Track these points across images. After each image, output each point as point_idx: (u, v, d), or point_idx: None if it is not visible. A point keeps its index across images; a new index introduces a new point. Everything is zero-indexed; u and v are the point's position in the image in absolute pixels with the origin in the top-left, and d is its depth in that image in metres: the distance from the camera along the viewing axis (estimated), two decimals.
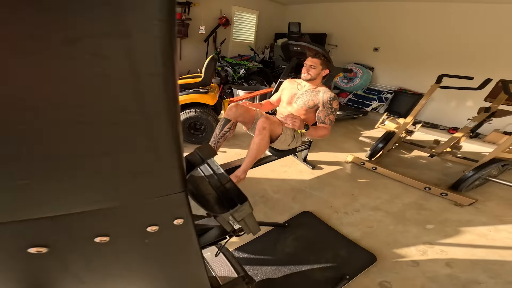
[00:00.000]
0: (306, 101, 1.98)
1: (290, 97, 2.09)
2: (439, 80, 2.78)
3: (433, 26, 4.86)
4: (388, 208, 2.17)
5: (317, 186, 2.46)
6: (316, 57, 1.93)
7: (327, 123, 1.93)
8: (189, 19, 5.24)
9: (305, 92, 2.01)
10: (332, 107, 1.92)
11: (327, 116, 1.93)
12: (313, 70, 1.93)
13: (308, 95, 1.98)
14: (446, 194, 2.32)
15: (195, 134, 2.92)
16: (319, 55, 1.94)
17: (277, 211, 2.06)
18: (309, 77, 1.96)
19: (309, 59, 1.96)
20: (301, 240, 1.73)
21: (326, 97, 1.91)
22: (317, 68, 1.93)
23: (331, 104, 1.92)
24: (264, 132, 1.77)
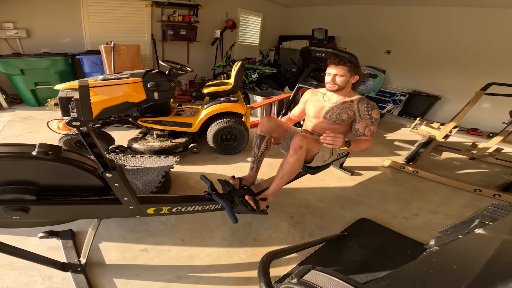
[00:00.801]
0: (339, 114, 1.80)
1: (317, 110, 1.91)
2: (485, 88, 2.85)
3: (446, 29, 5.10)
4: (445, 211, 2.20)
5: (363, 192, 2.47)
6: (341, 64, 1.72)
7: (367, 135, 1.74)
8: (197, 21, 5.33)
9: (335, 104, 1.83)
10: (372, 117, 1.74)
11: (366, 127, 1.75)
12: (340, 79, 1.74)
13: (340, 107, 1.81)
14: (499, 196, 2.38)
15: (227, 144, 2.90)
16: (344, 61, 1.73)
17: (328, 221, 2.05)
18: (336, 87, 1.77)
19: (332, 67, 1.76)
20: (368, 247, 1.72)
21: (363, 106, 1.75)
22: (345, 76, 1.74)
23: (370, 114, 1.74)
24: (301, 152, 1.62)
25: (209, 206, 1.61)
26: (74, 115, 1.03)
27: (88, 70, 4.27)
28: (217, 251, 1.66)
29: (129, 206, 1.31)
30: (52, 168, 1.10)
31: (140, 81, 2.52)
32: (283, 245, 1.76)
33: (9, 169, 1.05)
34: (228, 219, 1.91)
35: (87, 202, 1.23)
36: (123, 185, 1.22)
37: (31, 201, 1.10)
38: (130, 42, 4.45)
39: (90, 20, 4.54)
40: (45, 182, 1.13)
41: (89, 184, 1.21)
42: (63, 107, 1.02)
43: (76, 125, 1.04)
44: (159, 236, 1.72)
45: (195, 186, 2.32)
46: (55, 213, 1.21)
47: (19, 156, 1.03)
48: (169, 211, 1.47)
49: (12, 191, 1.05)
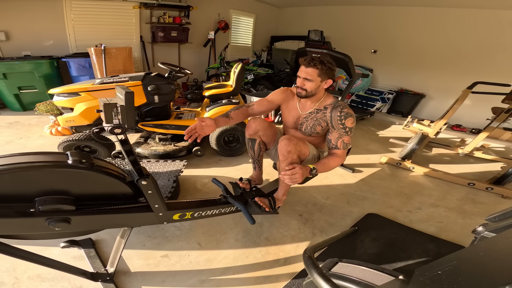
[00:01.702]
0: (313, 127, 1.62)
1: (294, 121, 1.72)
2: (472, 86, 3.06)
3: (430, 29, 5.40)
4: (445, 204, 2.34)
5: (366, 188, 2.57)
6: (310, 65, 1.48)
7: (340, 147, 1.53)
8: (188, 23, 5.30)
9: (309, 114, 1.63)
10: (345, 127, 1.52)
11: (339, 138, 1.53)
12: (309, 83, 1.50)
13: (313, 118, 1.61)
14: (492, 189, 2.57)
15: (230, 146, 2.92)
16: (315, 63, 1.47)
17: (336, 217, 2.13)
18: (304, 93, 1.53)
19: (302, 68, 1.52)
20: (380, 240, 1.80)
21: (336, 115, 1.52)
22: (315, 80, 1.49)
23: (344, 124, 1.51)
24: (291, 156, 1.49)
25: (225, 209, 1.65)
26: (116, 122, 1.03)
27: (75, 73, 4.13)
28: (233, 253, 1.69)
29: (158, 213, 1.32)
30: (85, 177, 1.09)
31: (140, 84, 2.49)
32: (295, 243, 1.82)
33: (46, 179, 1.03)
34: (239, 221, 1.97)
35: (122, 210, 1.22)
36: (155, 192, 1.22)
37: (71, 212, 1.07)
38: (118, 45, 4.36)
39: (74, 22, 4.40)
40: (79, 191, 1.11)
41: (119, 192, 1.20)
42: (107, 114, 1.02)
43: (117, 132, 1.04)
44: (176, 241, 1.73)
45: (203, 189, 2.33)
46: (92, 223, 1.19)
47: (56, 165, 1.01)
48: (191, 216, 1.49)
49: (52, 201, 1.02)
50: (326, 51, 3.53)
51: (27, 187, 1.00)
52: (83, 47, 4.38)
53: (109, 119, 1.05)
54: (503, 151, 4.08)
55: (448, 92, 5.49)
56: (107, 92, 2.40)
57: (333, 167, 1.55)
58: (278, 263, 1.65)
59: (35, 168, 0.97)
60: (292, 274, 1.57)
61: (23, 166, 0.96)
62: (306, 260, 0.81)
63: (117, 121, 1.05)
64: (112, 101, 1.05)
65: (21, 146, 2.81)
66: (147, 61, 5.30)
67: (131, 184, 1.23)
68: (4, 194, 0.98)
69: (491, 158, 3.50)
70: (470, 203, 2.38)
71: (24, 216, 0.99)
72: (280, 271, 1.60)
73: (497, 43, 4.72)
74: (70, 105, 2.33)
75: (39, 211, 1.00)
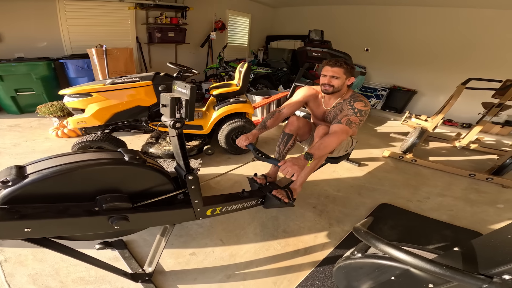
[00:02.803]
0: (334, 116, 1.81)
1: (321, 115, 1.92)
2: (465, 82, 3.19)
3: (419, 28, 5.59)
4: (451, 193, 2.45)
5: (374, 180, 2.65)
6: (337, 65, 1.67)
7: (343, 123, 1.58)
8: (185, 23, 5.29)
9: (332, 109, 1.83)
10: (354, 107, 1.64)
11: (346, 116, 1.62)
12: (336, 80, 1.68)
13: (334, 110, 1.81)
14: (491, 179, 2.70)
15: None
16: (341, 63, 1.67)
17: (350, 208, 2.18)
18: (331, 89, 1.69)
19: (328, 68, 1.69)
20: (398, 228, 1.87)
21: (346, 102, 1.72)
22: (341, 78, 1.68)
23: (352, 105, 1.66)
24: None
25: (247, 203, 1.68)
26: (177, 116, 1.03)
27: (73, 75, 4.04)
28: (254, 247, 1.72)
29: (197, 208, 1.33)
30: (139, 174, 1.08)
31: (151, 84, 2.48)
32: (312, 233, 1.87)
33: (105, 177, 1.01)
34: (255, 216, 2.01)
35: (170, 207, 1.22)
36: (197, 187, 1.23)
37: (128, 209, 1.06)
38: (114, 46, 4.28)
39: (69, 23, 4.30)
40: (131, 189, 1.10)
41: (164, 189, 1.20)
42: (173, 108, 1.02)
43: (177, 126, 1.03)
44: (200, 239, 1.74)
45: (216, 187, 2.33)
46: (144, 221, 1.18)
47: (116, 162, 1.01)
48: (220, 211, 1.51)
49: (113, 199, 1.01)
50: (326, 50, 3.62)
51: (89, 186, 0.99)
52: (79, 48, 4.30)
53: (172, 113, 1.05)
54: (494, 144, 4.27)
55: (438, 88, 5.70)
56: (119, 93, 2.37)
57: (331, 146, 1.52)
58: (299, 253, 1.69)
59: (98, 165, 0.96)
60: (314, 263, 1.61)
61: (88, 163, 0.95)
62: (365, 235, 0.84)
63: (179, 115, 1.04)
64: (177, 95, 1.05)
65: (29, 149, 2.74)
66: (144, 62, 5.24)
67: (174, 180, 1.24)
68: (69, 193, 0.96)
69: (486, 151, 3.66)
70: (474, 193, 2.50)
71: (91, 215, 0.97)
72: (302, 261, 1.63)
73: (480, 40, 4.95)
74: (82, 106, 2.29)
75: (103, 209, 0.99)
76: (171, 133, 1.16)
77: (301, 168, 1.37)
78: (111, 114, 2.33)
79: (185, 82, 1.11)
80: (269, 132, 3.86)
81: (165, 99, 1.07)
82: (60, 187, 0.93)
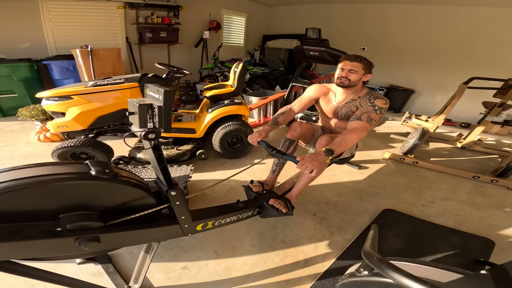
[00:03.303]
0: (347, 113, 1.77)
1: (330, 111, 1.89)
2: (468, 82, 3.14)
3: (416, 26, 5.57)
4: (456, 197, 2.38)
5: (376, 184, 2.57)
6: (357, 60, 1.68)
7: (363, 120, 1.57)
8: (178, 23, 5.19)
9: (344, 104, 1.79)
10: (374, 104, 1.63)
11: (365, 113, 1.60)
12: (354, 75, 1.67)
13: (348, 106, 1.77)
14: (496, 181, 2.64)
15: (234, 148, 2.84)
16: (361, 58, 1.69)
17: (352, 214, 2.10)
18: (347, 82, 1.68)
19: (347, 63, 1.69)
20: (403, 236, 1.79)
21: (366, 97, 1.70)
22: (359, 72, 1.67)
23: (372, 102, 1.64)
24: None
25: (243, 215, 1.59)
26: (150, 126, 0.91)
27: (58, 76, 3.91)
28: (251, 259, 1.64)
29: (184, 224, 1.22)
30: (110, 189, 0.97)
31: (137, 86, 2.36)
32: (313, 243, 1.78)
33: (68, 193, 0.89)
34: (252, 225, 1.91)
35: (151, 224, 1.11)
36: (183, 203, 1.13)
37: (100, 229, 0.95)
38: (103, 46, 4.17)
39: (53, 24, 4.16)
40: (103, 205, 0.99)
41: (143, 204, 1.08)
42: (142, 117, 0.90)
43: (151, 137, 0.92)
44: (193, 251, 1.64)
45: (211, 194, 2.23)
46: (121, 241, 1.06)
47: (79, 177, 0.89)
48: (212, 226, 1.41)
49: (79, 218, 0.89)
50: (323, 49, 3.56)
51: (49, 203, 0.87)
52: (65, 49, 4.16)
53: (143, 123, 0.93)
54: (495, 144, 4.24)
55: (436, 87, 5.69)
56: (103, 95, 2.25)
57: (351, 143, 1.51)
58: (298, 265, 1.61)
59: (57, 181, 0.84)
60: (315, 275, 1.53)
61: (44, 179, 0.83)
62: (379, 263, 0.74)
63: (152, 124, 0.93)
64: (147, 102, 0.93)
65: (9, 154, 2.61)
66: (134, 62, 5.11)
67: (155, 194, 1.13)
68: (25, 212, 0.84)
69: (487, 151, 3.62)
70: (480, 196, 2.44)
71: (52, 237, 0.86)
72: (302, 274, 1.55)
73: (479, 39, 4.94)
74: (62, 109, 2.16)
75: (67, 230, 0.87)
76: (145, 145, 1.04)
77: (321, 164, 1.33)
78: (95, 117, 2.21)
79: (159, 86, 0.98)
80: None
81: (132, 105, 0.95)
82: (12, 205, 0.82)
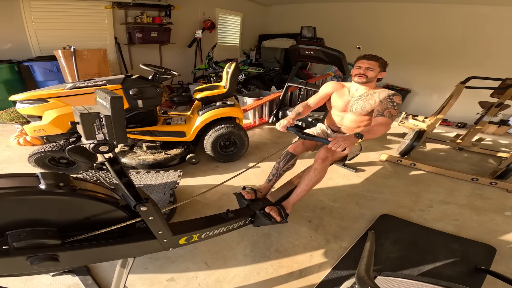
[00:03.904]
0: (363, 106, 1.87)
1: (344, 105, 1.99)
2: (465, 81, 3.12)
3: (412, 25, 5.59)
4: (455, 201, 2.35)
5: (373, 188, 2.53)
6: (373, 59, 1.85)
7: (386, 116, 1.70)
8: (170, 23, 5.13)
9: (359, 97, 1.91)
10: (393, 101, 1.76)
11: (386, 109, 1.73)
12: (371, 72, 1.83)
13: (363, 100, 1.88)
14: (495, 183, 2.62)
15: (227, 152, 2.77)
16: (377, 57, 1.86)
17: (348, 220, 2.05)
18: (365, 79, 1.83)
19: (364, 61, 1.85)
20: (401, 243, 1.74)
21: (384, 94, 1.81)
22: (375, 70, 1.83)
23: (392, 98, 1.77)
24: (327, 162, 1.73)
25: (233, 225, 1.53)
26: (100, 137, 0.82)
27: (41, 78, 3.81)
28: (243, 270, 1.58)
29: (163, 239, 1.15)
30: (67, 204, 0.89)
31: (120, 88, 2.28)
32: (308, 252, 1.74)
33: (15, 209, 0.82)
34: (245, 234, 1.85)
35: (121, 241, 1.04)
36: (158, 218, 1.05)
37: (57, 247, 0.87)
38: (90, 47, 4.08)
39: (36, 24, 4.04)
40: (62, 221, 0.91)
41: (111, 217, 1.01)
42: (87, 128, 0.81)
43: (103, 150, 0.83)
44: (181, 262, 1.57)
45: (202, 200, 2.16)
46: (86, 258, 0.99)
47: (24, 192, 0.81)
48: (199, 238, 1.34)
49: (29, 235, 0.82)
50: (319, 48, 3.52)
51: None
52: (49, 50, 4.04)
53: (90, 134, 0.83)
54: (491, 144, 4.25)
55: (431, 87, 5.72)
56: (81, 98, 2.16)
57: (378, 134, 1.65)
58: (293, 276, 1.56)
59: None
60: (310, 286, 1.49)
61: None
62: None
63: (102, 135, 0.84)
64: (93, 110, 0.83)
65: None
66: (124, 63, 5.02)
67: (126, 207, 1.05)
68: None
69: (485, 152, 3.62)
70: (479, 199, 2.41)
71: None
72: (296, 285, 1.51)
73: (474, 38, 4.97)
74: (37, 112, 2.07)
75: (14, 248, 0.80)
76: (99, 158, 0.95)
77: (352, 144, 1.45)
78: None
79: (107, 91, 0.87)
80: (261, 136, 3.77)
81: (76, 114, 0.85)
82: None
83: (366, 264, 1.02)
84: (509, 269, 1.60)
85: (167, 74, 2.53)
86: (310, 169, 1.72)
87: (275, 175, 1.89)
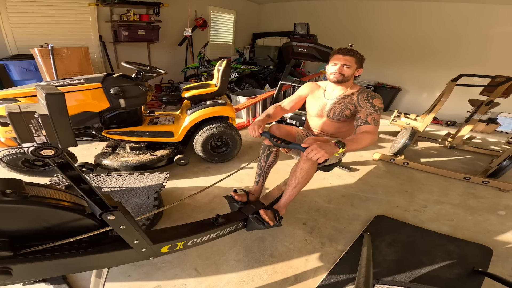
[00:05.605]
0: (341, 111, 1.73)
1: (320, 109, 1.84)
2: (456, 79, 3.15)
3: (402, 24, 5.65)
4: (449, 200, 2.35)
5: (367, 188, 2.51)
6: (349, 54, 1.67)
7: (371, 123, 1.57)
8: (159, 21, 5.01)
9: (336, 100, 1.75)
10: (374, 105, 1.62)
11: (369, 115, 1.59)
12: (347, 69, 1.66)
13: (341, 103, 1.73)
14: (488, 182, 2.63)
15: (218, 152, 2.70)
16: (353, 52, 1.68)
17: (343, 222, 2.02)
18: (341, 78, 1.67)
19: (339, 57, 1.67)
20: (396, 245, 1.71)
21: (363, 97, 1.67)
22: (352, 67, 1.67)
23: (372, 102, 1.63)
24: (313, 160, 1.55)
25: (224, 230, 1.46)
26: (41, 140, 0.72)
27: (18, 77, 3.64)
28: (236, 277, 1.52)
29: (140, 248, 1.06)
30: (20, 212, 0.81)
31: (100, 87, 2.17)
32: (303, 256, 1.69)
33: None
34: (238, 238, 1.78)
35: (89, 251, 0.95)
36: (131, 226, 0.97)
37: (9, 259, 0.79)
38: (74, 45, 3.93)
39: (12, 21, 3.85)
40: (14, 231, 0.83)
41: (77, 226, 0.93)
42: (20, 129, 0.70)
43: (48, 154, 0.74)
44: (168, 269, 1.49)
45: (192, 203, 2.08)
46: (46, 270, 0.90)
47: None
48: (184, 246, 1.25)
49: None
50: (312, 45, 3.51)
51: None
52: (27, 48, 3.87)
53: (25, 136, 0.72)
54: (481, 142, 4.33)
55: (422, 85, 5.79)
56: None
57: (364, 144, 1.50)
58: (288, 282, 1.51)
59: None
60: None
61: None
62: None
63: (43, 138, 0.74)
64: (29, 109, 0.72)
65: None
66: (109, 62, 4.87)
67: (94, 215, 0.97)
68: None
69: (476, 150, 3.67)
70: (473, 198, 2.42)
71: None
72: None
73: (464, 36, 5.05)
74: None
75: None
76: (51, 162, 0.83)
77: (328, 154, 1.32)
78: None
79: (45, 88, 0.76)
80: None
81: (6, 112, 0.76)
82: None
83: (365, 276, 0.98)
84: (506, 270, 1.59)
85: (153, 72, 2.44)
86: (296, 168, 1.59)
87: (260, 174, 1.80)
